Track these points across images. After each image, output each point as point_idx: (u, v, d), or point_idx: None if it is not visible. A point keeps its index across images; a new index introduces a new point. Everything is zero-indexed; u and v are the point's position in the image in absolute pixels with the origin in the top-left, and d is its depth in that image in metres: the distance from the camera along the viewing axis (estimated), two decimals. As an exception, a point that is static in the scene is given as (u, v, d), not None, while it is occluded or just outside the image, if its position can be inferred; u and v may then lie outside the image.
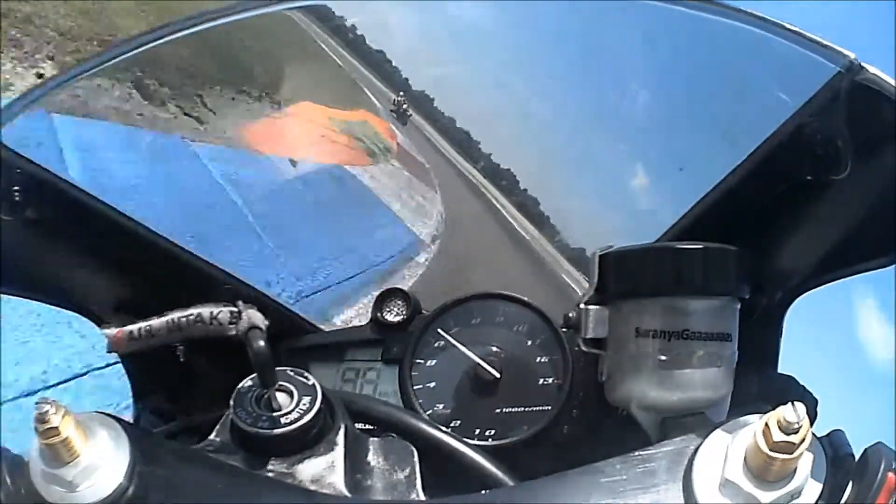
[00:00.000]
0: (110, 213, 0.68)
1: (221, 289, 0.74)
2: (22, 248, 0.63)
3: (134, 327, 0.50)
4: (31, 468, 0.40)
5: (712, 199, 0.61)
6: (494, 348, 0.75)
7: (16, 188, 0.61)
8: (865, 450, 0.41)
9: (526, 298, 0.77)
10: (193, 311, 0.51)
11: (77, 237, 0.66)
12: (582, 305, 0.56)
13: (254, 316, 0.48)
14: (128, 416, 0.74)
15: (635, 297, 0.54)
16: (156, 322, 0.50)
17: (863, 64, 0.50)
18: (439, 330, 0.77)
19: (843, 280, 0.60)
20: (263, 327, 0.47)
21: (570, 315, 0.59)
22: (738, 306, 0.54)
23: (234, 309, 0.49)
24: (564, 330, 0.71)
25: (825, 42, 0.52)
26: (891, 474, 0.38)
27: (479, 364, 0.74)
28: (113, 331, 0.51)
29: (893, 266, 0.56)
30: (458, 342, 0.76)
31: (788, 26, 0.53)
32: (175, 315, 0.50)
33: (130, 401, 0.77)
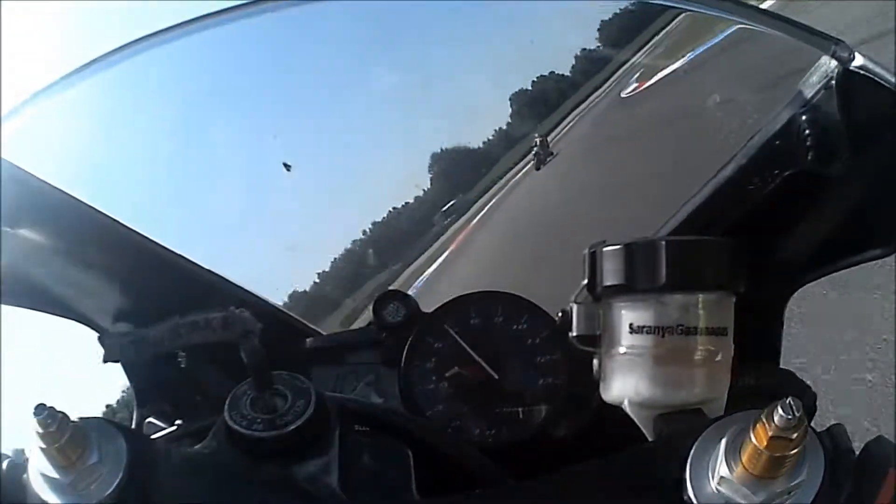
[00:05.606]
0: (107, 222, 0.69)
1: (218, 295, 0.75)
2: (21, 259, 0.64)
3: (131, 337, 0.50)
4: (29, 473, 0.41)
5: (707, 193, 0.60)
6: (494, 348, 0.75)
7: (14, 199, 0.61)
8: (866, 444, 0.40)
9: (525, 296, 0.77)
10: (189, 318, 0.51)
11: (74, 247, 0.67)
12: (572, 303, 0.56)
13: (247, 320, 0.48)
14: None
15: (627, 293, 0.53)
16: (154, 330, 0.50)
17: (855, 51, 0.50)
18: (438, 331, 0.77)
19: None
20: (257, 331, 0.48)
21: (566, 311, 0.58)
22: (734, 300, 0.53)
23: (227, 314, 0.49)
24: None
25: (816, 29, 0.51)
26: (892, 471, 0.37)
27: (478, 364, 0.74)
28: (108, 340, 0.51)
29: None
30: (457, 342, 0.76)
31: (778, 14, 0.52)
32: (173, 322, 0.51)
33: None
